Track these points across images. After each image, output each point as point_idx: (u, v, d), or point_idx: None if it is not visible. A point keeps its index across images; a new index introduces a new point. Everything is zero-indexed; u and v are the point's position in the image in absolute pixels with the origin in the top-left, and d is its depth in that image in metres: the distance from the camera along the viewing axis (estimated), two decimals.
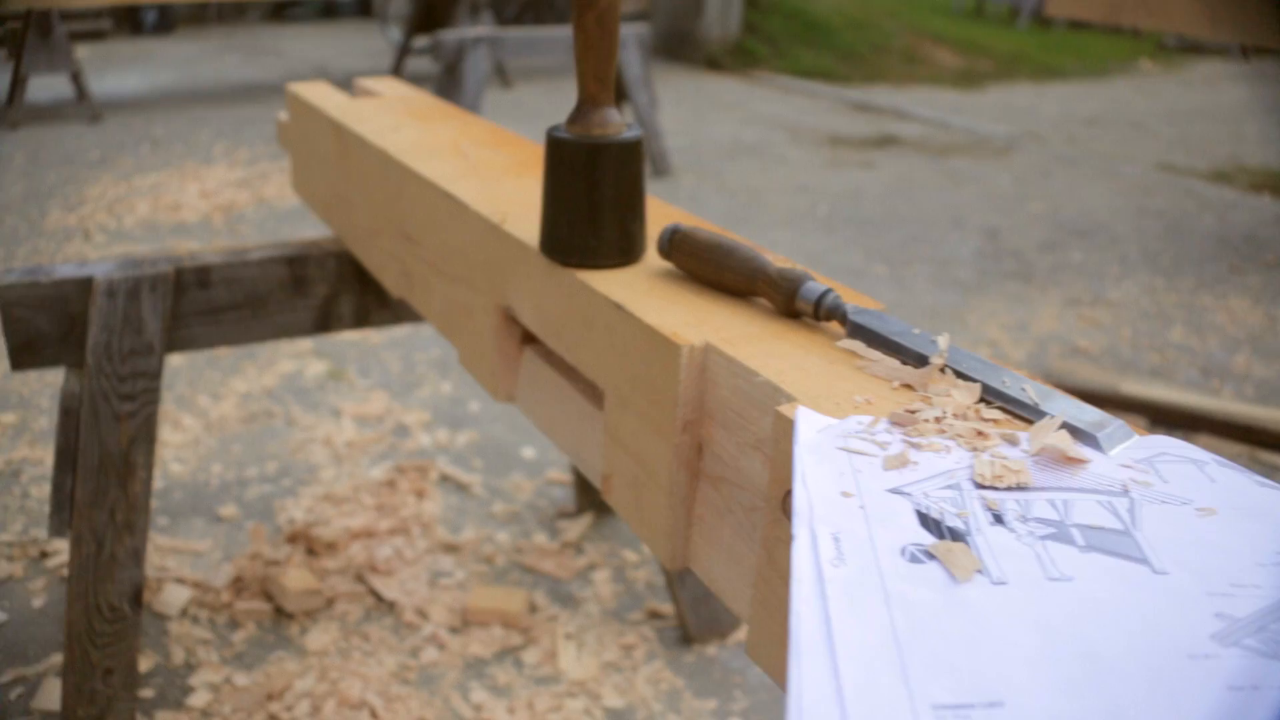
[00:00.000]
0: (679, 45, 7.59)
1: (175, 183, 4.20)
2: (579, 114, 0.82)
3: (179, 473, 2.17)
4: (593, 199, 0.82)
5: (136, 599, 1.46)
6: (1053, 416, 0.58)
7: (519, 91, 6.41)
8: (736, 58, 7.45)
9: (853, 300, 0.76)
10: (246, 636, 1.70)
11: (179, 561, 1.89)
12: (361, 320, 1.51)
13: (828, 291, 0.71)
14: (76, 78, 5.19)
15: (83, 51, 7.06)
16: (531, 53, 4.02)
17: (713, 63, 7.38)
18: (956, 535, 0.49)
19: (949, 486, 0.52)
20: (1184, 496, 0.54)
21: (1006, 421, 0.60)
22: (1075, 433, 0.58)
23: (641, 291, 0.79)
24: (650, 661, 1.64)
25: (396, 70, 6.58)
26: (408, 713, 1.52)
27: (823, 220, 4.02)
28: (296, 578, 1.76)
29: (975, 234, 3.99)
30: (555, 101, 6.09)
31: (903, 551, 0.48)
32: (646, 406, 0.74)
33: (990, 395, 0.62)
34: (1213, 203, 4.73)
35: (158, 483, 2.13)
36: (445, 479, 2.13)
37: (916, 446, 0.56)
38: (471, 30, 3.97)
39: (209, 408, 2.43)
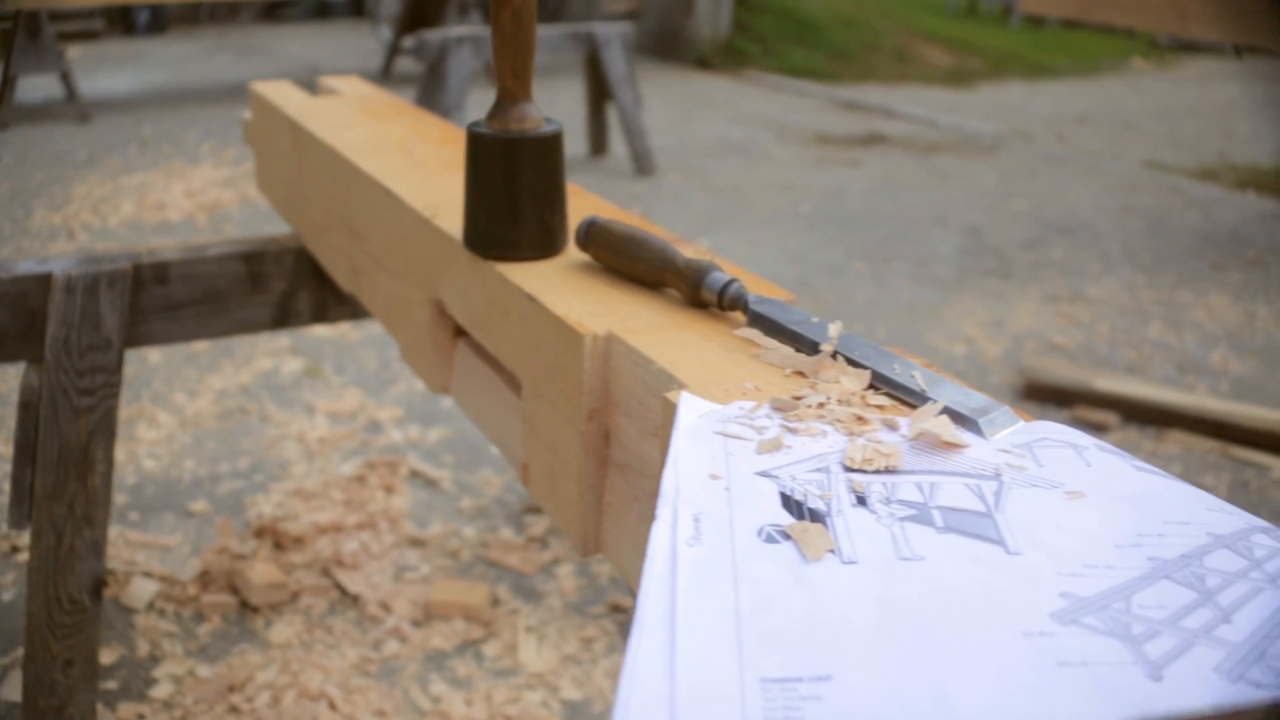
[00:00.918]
0: (669, 45, 7.60)
1: (161, 182, 4.21)
2: (497, 109, 0.83)
3: (152, 469, 2.18)
4: (511, 193, 0.83)
5: (96, 591, 1.47)
6: (935, 402, 0.59)
7: None
8: (726, 57, 7.46)
9: (767, 292, 0.77)
10: (211, 629, 1.71)
11: (148, 556, 1.90)
12: (320, 316, 1.52)
13: (731, 282, 0.72)
14: (66, 78, 5.20)
15: (75, 52, 7.08)
16: None
17: (703, 62, 7.40)
18: (816, 516, 0.50)
19: (818, 470, 0.54)
20: (1056, 480, 0.55)
21: (892, 407, 0.61)
22: (958, 418, 0.59)
23: (556, 283, 0.80)
24: (610, 654, 1.65)
25: (387, 70, 6.59)
26: (366, 704, 1.53)
27: (805, 218, 4.03)
28: (262, 571, 1.77)
29: (957, 232, 4.00)
30: (544, 101, 6.09)
31: (759, 532, 0.49)
32: (557, 395, 0.75)
33: (879, 382, 0.63)
34: (1198, 200, 4.74)
35: (130, 478, 2.15)
36: (415, 474, 2.14)
37: (793, 431, 0.57)
38: (454, 30, 3.98)
39: (185, 405, 2.45)
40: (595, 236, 0.81)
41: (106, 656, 1.66)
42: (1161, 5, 2.56)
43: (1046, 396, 2.66)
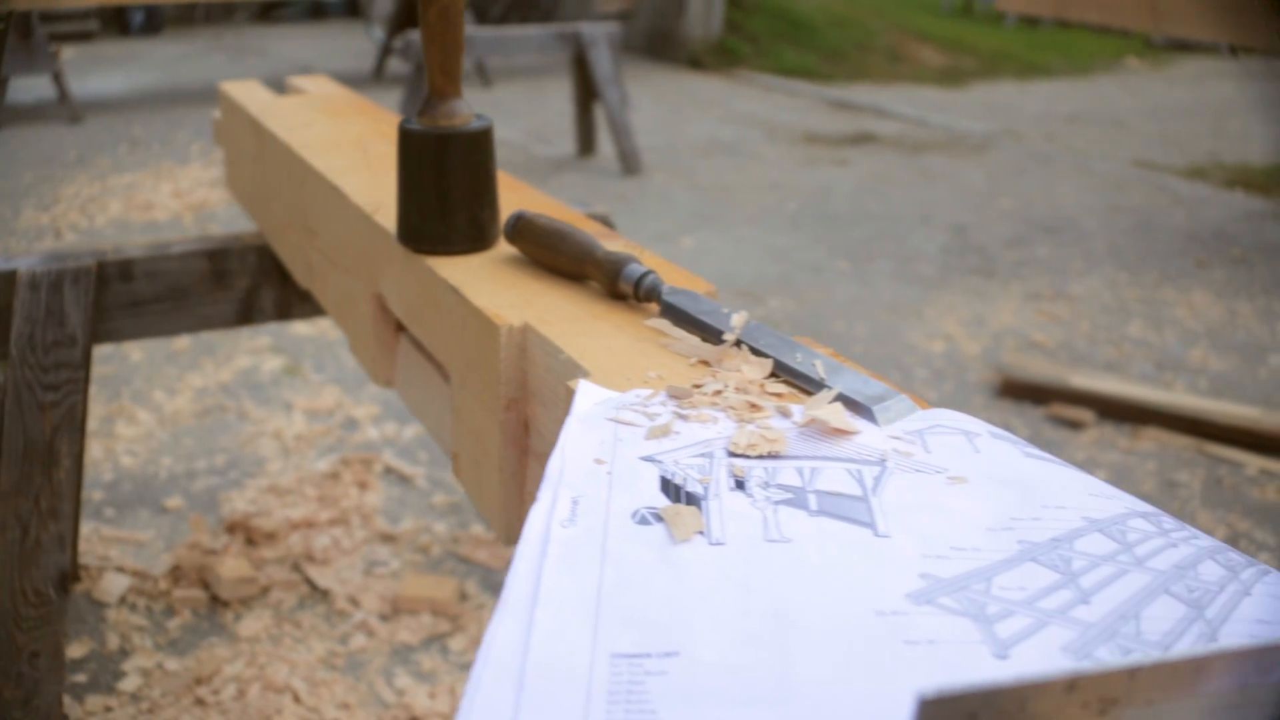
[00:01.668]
0: (662, 45, 7.61)
1: (150, 182, 4.23)
2: (427, 106, 0.85)
3: (129, 465, 2.20)
4: (441, 188, 0.84)
5: (62, 584, 1.48)
6: (829, 390, 0.61)
7: (498, 91, 6.44)
8: (718, 57, 7.47)
9: (689, 284, 0.78)
10: (181, 623, 1.72)
11: (122, 551, 1.91)
12: (283, 313, 1.54)
13: (647, 273, 0.74)
14: (58, 78, 5.22)
15: (69, 52, 7.10)
16: (500, 51, 4.05)
17: (695, 62, 7.41)
18: (693, 500, 0.51)
19: (702, 455, 0.55)
20: (940, 466, 0.56)
21: (790, 395, 0.62)
22: (853, 406, 0.61)
23: (483, 276, 0.81)
24: None
25: (379, 70, 6.61)
26: (331, 697, 1.55)
27: (790, 217, 4.04)
28: (232, 566, 1.78)
29: (942, 230, 4.01)
30: (534, 101, 6.12)
31: (634, 514, 0.50)
32: (478, 386, 0.76)
33: (781, 370, 0.64)
34: (1185, 199, 4.75)
35: (107, 475, 2.16)
36: (389, 471, 2.16)
37: (684, 418, 0.58)
38: None
39: (164, 402, 2.46)
40: (522, 230, 0.82)
41: (77, 650, 1.67)
42: (1135, 3, 2.57)
43: (1022, 394, 2.67)
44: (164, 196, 4.02)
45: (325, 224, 1.14)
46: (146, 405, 2.45)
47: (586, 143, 4.66)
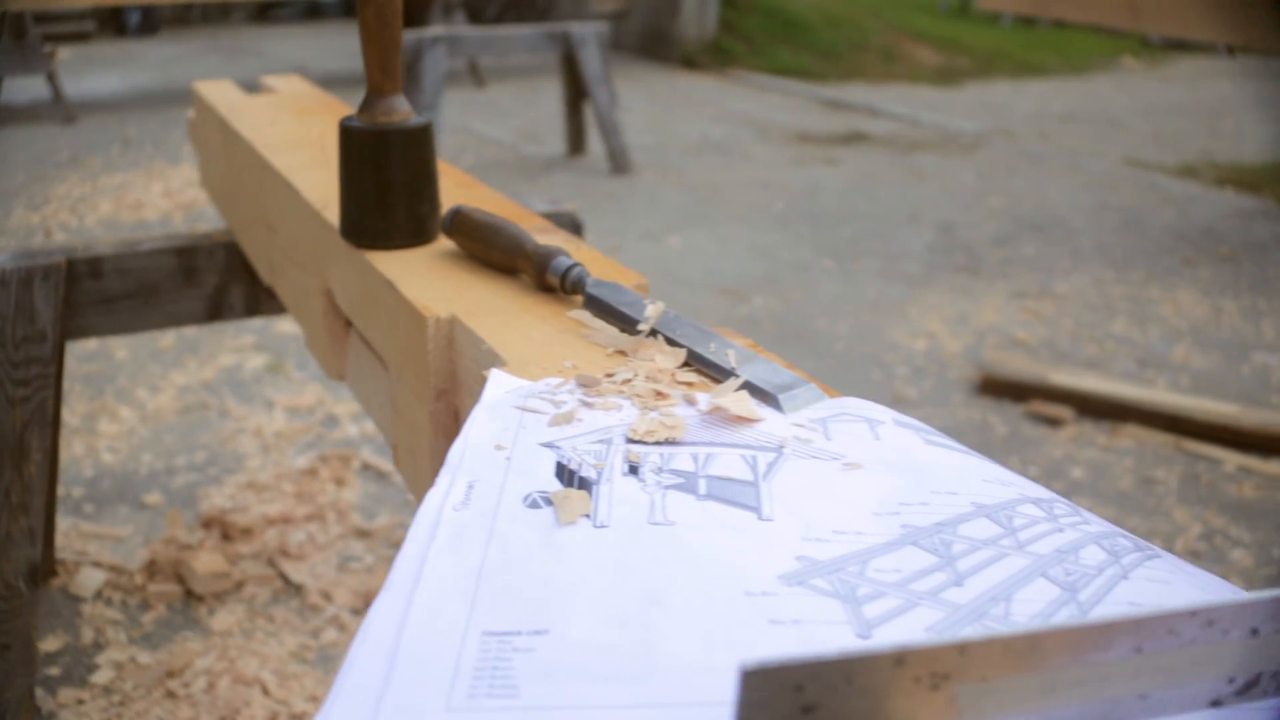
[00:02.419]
0: (656, 44, 7.62)
1: (141, 182, 4.24)
2: (366, 103, 0.86)
3: (110, 462, 2.21)
4: (380, 184, 0.86)
5: (32, 577, 1.49)
6: (736, 378, 0.62)
7: (492, 91, 6.45)
8: (712, 56, 7.49)
9: (621, 277, 0.80)
10: (156, 617, 1.74)
11: (99, 546, 1.93)
12: (252, 310, 1.55)
13: (573, 266, 0.75)
14: (52, 79, 5.24)
15: (65, 53, 7.12)
16: (490, 51, 4.06)
17: (689, 61, 7.42)
18: (585, 484, 0.52)
19: (601, 441, 0.56)
20: (838, 453, 0.57)
21: (701, 384, 0.64)
22: (760, 394, 0.62)
23: (419, 270, 0.82)
24: None
25: None
26: (301, 690, 1.56)
27: (777, 216, 4.05)
28: (207, 561, 1.80)
29: (929, 229, 4.02)
30: (527, 101, 6.13)
31: (525, 498, 0.51)
32: (411, 377, 0.78)
33: (694, 360, 0.65)
34: (1175, 197, 4.75)
35: (88, 472, 2.18)
36: (366, 467, 2.17)
37: (589, 406, 0.59)
38: (429, 30, 4.01)
39: (146, 400, 2.48)
40: (459, 225, 0.83)
41: (51, 643, 1.69)
42: (1113, 1, 2.58)
43: (1002, 391, 2.68)
44: (155, 196, 4.03)
45: (283, 221, 1.15)
46: (129, 403, 2.47)
47: (577, 142, 4.68)
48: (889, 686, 0.35)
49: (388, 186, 0.86)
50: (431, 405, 0.74)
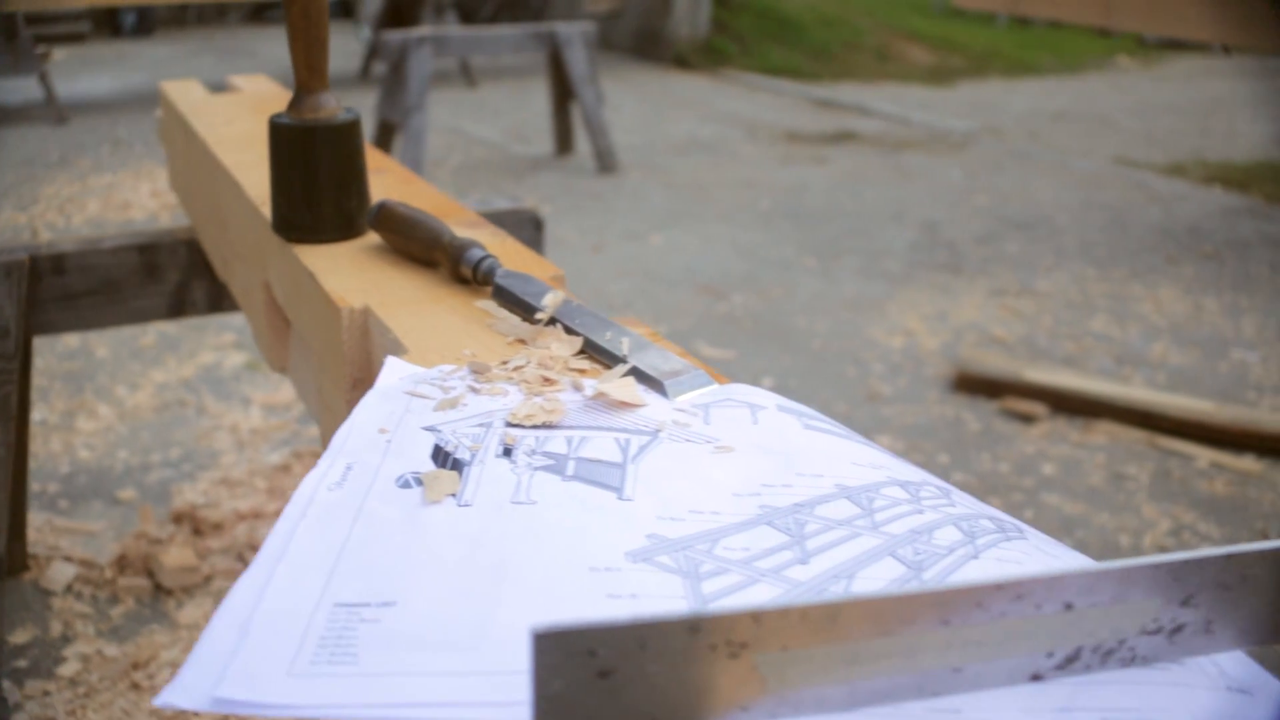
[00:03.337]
0: (648, 44, 7.64)
1: (129, 182, 4.27)
2: (295, 100, 0.88)
3: (86, 458, 2.23)
4: (308, 179, 0.87)
5: None
6: (623, 365, 0.63)
7: (484, 91, 6.48)
8: (705, 56, 7.50)
9: (538, 269, 0.81)
10: (124, 611, 1.76)
11: (72, 542, 1.95)
12: (215, 306, 1.57)
13: (485, 258, 0.77)
14: (44, 79, 5.27)
15: (60, 54, 7.14)
16: (475, 51, 4.08)
17: (681, 61, 7.44)
18: (458, 465, 0.54)
19: (481, 425, 0.58)
20: (713, 437, 0.58)
21: (594, 371, 0.65)
22: (648, 380, 0.63)
23: (343, 262, 0.84)
24: None
25: (365, 70, 6.65)
26: None
27: (761, 214, 4.07)
28: (176, 555, 1.82)
29: (913, 227, 4.03)
30: (517, 101, 6.15)
31: (399, 479, 0.53)
32: (332, 366, 0.79)
33: (589, 347, 0.67)
34: (1162, 195, 4.76)
35: (64, 468, 2.20)
36: None
37: (476, 391, 0.61)
38: (415, 30, 4.03)
39: (125, 397, 2.50)
40: (383, 219, 0.85)
41: (20, 636, 1.71)
42: None
43: (976, 388, 2.69)
44: (143, 196, 4.06)
45: (232, 217, 1.17)
46: (108, 400, 2.49)
47: (564, 142, 4.70)
48: (686, 653, 0.36)
49: (315, 182, 0.87)
50: (348, 394, 0.76)
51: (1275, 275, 3.76)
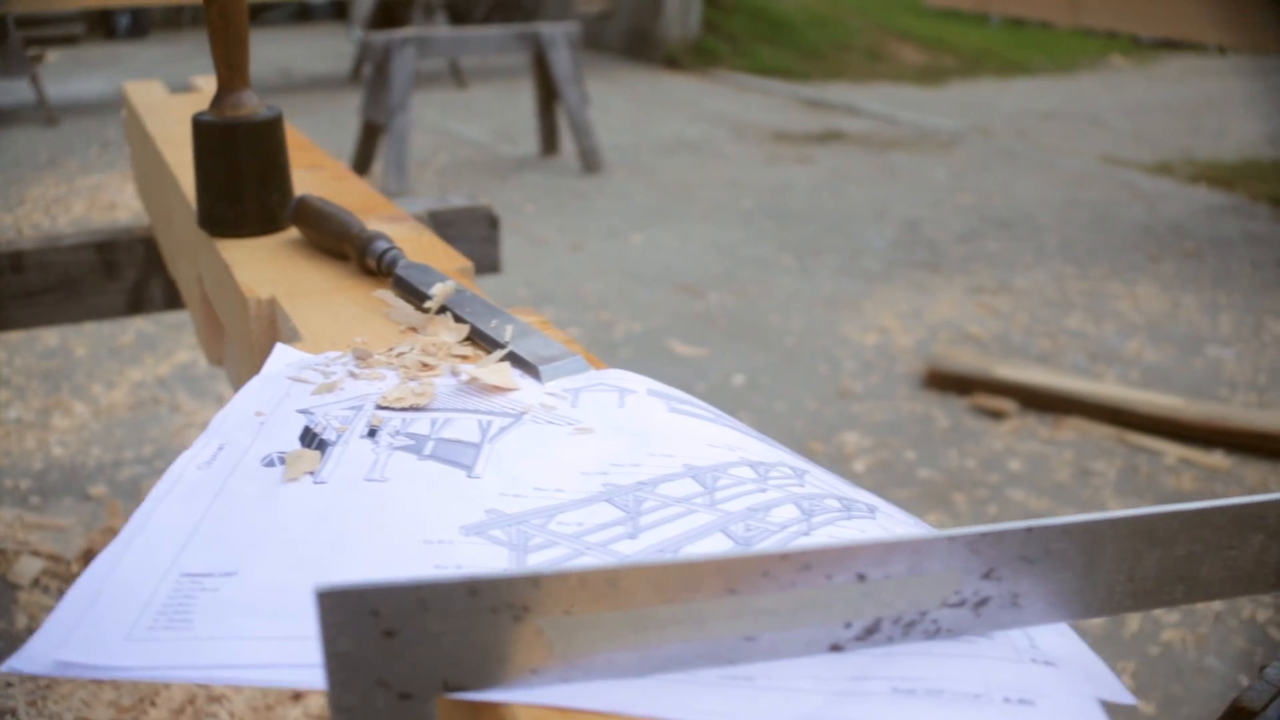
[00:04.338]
0: (640, 45, 7.67)
1: (116, 183, 4.30)
2: (216, 98, 0.90)
3: (60, 455, 2.26)
4: (230, 175, 0.89)
5: None
6: (499, 350, 0.66)
7: (473, 92, 6.50)
8: (695, 56, 7.53)
9: (447, 264, 0.84)
10: None
11: (41, 536, 1.97)
12: (172, 303, 1.59)
13: (387, 250, 0.79)
14: (34, 81, 5.30)
15: (53, 56, 7.19)
16: (459, 51, 4.10)
17: (672, 62, 7.47)
18: (323, 445, 0.56)
19: (352, 408, 0.60)
20: (575, 419, 0.60)
21: (477, 356, 0.67)
22: (524, 365, 0.65)
23: (260, 256, 0.86)
24: None
25: (356, 71, 6.68)
26: None
27: (743, 214, 4.09)
28: None
29: (894, 225, 4.05)
30: (505, 102, 6.18)
31: (265, 458, 0.55)
32: (246, 356, 0.82)
33: (475, 335, 0.69)
34: (1147, 193, 4.78)
35: (37, 465, 2.22)
36: None
37: (355, 376, 0.63)
38: (399, 31, 4.06)
39: (101, 395, 2.52)
40: (300, 214, 0.87)
41: None
42: None
43: (947, 385, 2.71)
44: (129, 197, 4.09)
45: (174, 214, 1.20)
46: (84, 398, 2.51)
47: (549, 142, 4.72)
48: (468, 616, 0.38)
49: (237, 177, 0.89)
50: None
51: (1256, 272, 3.78)
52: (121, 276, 1.57)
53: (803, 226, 3.98)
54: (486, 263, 1.55)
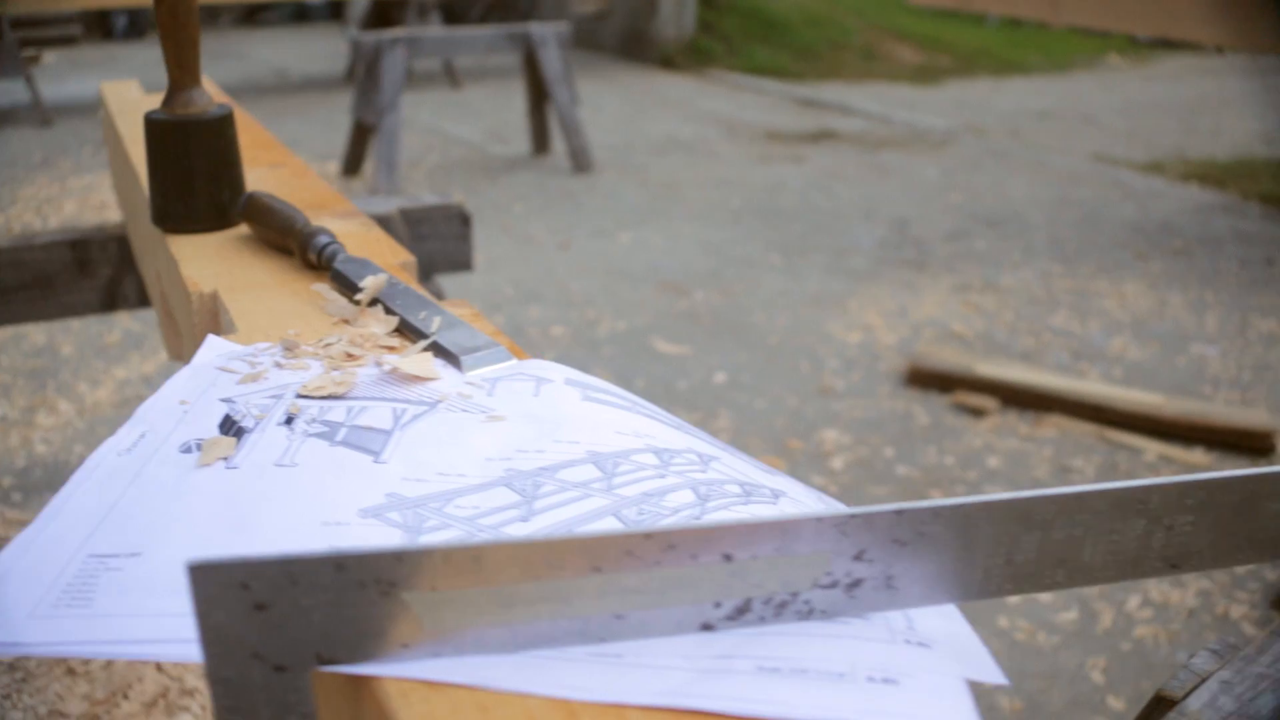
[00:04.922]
0: (635, 45, 7.68)
1: (108, 183, 4.32)
2: (168, 96, 0.91)
3: (43, 453, 2.28)
4: (182, 171, 0.91)
5: None
6: (421, 341, 0.67)
7: (467, 92, 6.52)
8: (690, 56, 7.54)
9: (390, 259, 0.85)
10: None
11: (19, 531, 1.99)
12: (145, 300, 1.61)
13: (328, 244, 0.80)
14: (29, 82, 5.33)
15: (50, 57, 7.22)
16: (449, 52, 4.12)
17: (667, 62, 7.48)
18: (240, 432, 0.58)
19: (273, 396, 0.61)
20: (489, 408, 0.61)
21: (403, 347, 0.69)
22: (446, 355, 0.67)
23: (209, 251, 0.88)
24: None
25: (352, 72, 6.70)
26: (196, 667, 1.62)
27: (733, 213, 4.10)
28: None
29: (883, 224, 4.06)
30: (499, 102, 6.19)
31: (182, 444, 0.57)
32: (194, 349, 0.83)
33: (404, 326, 0.71)
34: (1137, 192, 4.79)
35: (20, 462, 2.24)
36: None
37: (281, 366, 0.64)
38: (389, 31, 4.07)
39: (86, 394, 2.54)
40: (249, 209, 0.89)
41: None
42: None
43: (929, 382, 2.72)
44: None
45: (137, 210, 1.21)
46: (69, 396, 2.53)
47: (540, 142, 4.74)
48: (337, 590, 0.39)
49: (189, 174, 0.91)
50: None
51: (1244, 270, 3.79)
52: (95, 274, 1.59)
53: (791, 225, 3.99)
54: (459, 260, 1.57)
